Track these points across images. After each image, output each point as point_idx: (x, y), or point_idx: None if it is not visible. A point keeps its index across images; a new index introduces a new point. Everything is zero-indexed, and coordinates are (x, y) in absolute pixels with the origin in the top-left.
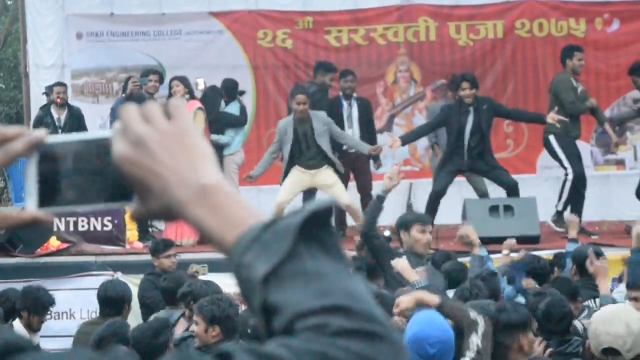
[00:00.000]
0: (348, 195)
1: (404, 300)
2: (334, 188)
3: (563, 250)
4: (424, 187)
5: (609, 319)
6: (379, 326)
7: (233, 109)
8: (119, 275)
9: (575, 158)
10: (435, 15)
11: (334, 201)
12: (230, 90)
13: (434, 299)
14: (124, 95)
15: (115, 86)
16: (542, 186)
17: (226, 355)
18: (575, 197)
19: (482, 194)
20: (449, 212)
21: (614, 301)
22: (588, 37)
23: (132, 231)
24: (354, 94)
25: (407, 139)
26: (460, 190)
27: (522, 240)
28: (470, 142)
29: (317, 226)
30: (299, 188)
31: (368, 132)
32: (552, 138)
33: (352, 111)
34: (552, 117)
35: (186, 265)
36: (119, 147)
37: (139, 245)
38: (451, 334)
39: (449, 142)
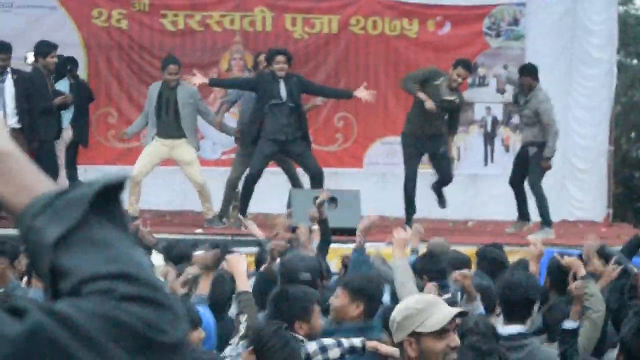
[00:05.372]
0: (203, 177)
1: None
2: (190, 166)
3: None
4: None
5: None
6: (162, 295)
7: (63, 86)
8: None
9: (412, 161)
10: (272, 6)
11: (126, 176)
12: (60, 67)
13: None
14: None
15: None
16: (367, 181)
17: (20, 309)
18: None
19: (295, 179)
20: (273, 201)
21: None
22: (420, 37)
23: None
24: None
25: (215, 83)
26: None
27: (343, 232)
28: (283, 115)
29: (108, 198)
30: (156, 160)
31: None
32: (402, 136)
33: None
34: (359, 93)
35: None
36: None
37: None
38: None
39: (257, 110)
